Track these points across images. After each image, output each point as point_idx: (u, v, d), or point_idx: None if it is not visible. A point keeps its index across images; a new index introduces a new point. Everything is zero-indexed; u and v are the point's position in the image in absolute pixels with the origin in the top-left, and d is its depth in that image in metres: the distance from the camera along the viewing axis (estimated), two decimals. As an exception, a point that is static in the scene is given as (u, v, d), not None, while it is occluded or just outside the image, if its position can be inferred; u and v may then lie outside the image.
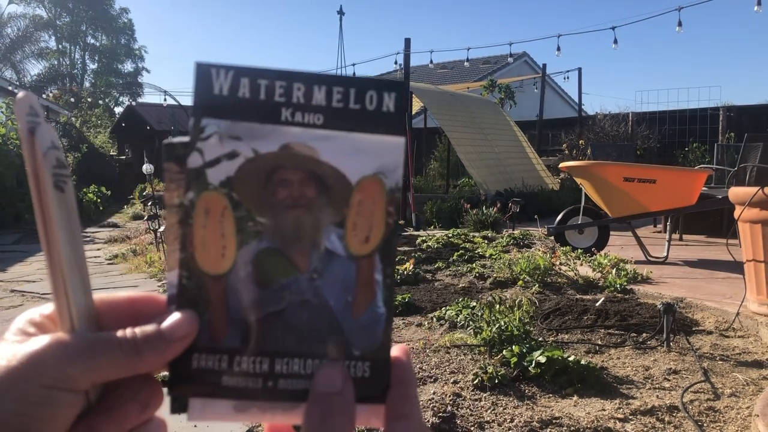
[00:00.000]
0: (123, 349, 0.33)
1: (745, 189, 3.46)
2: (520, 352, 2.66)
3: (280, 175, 0.35)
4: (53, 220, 0.32)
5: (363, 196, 0.35)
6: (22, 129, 0.32)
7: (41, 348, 0.31)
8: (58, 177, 0.32)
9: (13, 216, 9.62)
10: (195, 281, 0.35)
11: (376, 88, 0.36)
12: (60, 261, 0.33)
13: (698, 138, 12.79)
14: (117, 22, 33.77)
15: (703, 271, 4.95)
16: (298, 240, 0.35)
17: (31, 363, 0.31)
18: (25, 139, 0.32)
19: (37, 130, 0.32)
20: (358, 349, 0.35)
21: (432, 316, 3.57)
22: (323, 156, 0.35)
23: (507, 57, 15.94)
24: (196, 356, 0.34)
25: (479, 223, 7.70)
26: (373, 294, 0.36)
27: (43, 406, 0.30)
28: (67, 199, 0.33)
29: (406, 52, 9.77)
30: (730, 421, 2.19)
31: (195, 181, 0.34)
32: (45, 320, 0.35)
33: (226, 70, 0.34)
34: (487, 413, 2.27)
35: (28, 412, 0.30)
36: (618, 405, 2.31)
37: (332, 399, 0.33)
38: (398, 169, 0.36)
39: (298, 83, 0.35)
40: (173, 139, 0.35)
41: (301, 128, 0.35)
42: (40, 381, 0.30)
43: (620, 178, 5.38)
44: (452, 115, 11.17)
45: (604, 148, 10.37)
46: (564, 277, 4.53)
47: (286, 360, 0.35)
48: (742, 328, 3.28)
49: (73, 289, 0.33)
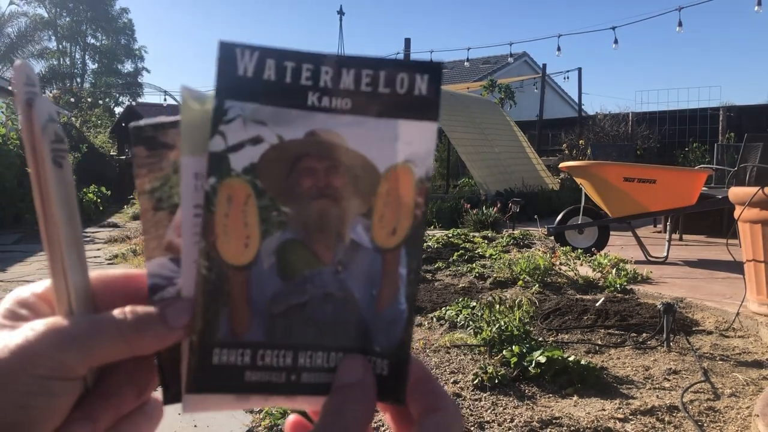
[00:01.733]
0: (122, 332, 0.32)
1: (745, 189, 3.46)
2: (520, 352, 2.66)
3: (306, 163, 0.33)
4: (51, 198, 0.31)
5: (391, 185, 0.34)
6: (20, 100, 0.30)
7: (36, 337, 0.30)
8: (56, 152, 0.31)
9: (13, 216, 9.60)
10: (216, 272, 0.33)
11: (408, 69, 0.34)
12: (59, 240, 0.32)
13: (698, 138, 12.80)
14: (117, 22, 33.76)
15: (703, 271, 4.95)
16: (322, 231, 0.34)
17: (26, 353, 0.30)
18: (23, 111, 0.30)
19: (35, 102, 0.31)
20: (379, 345, 0.34)
21: (432, 316, 3.57)
22: (350, 143, 0.33)
23: (507, 57, 15.96)
24: (218, 351, 0.33)
25: (479, 223, 7.70)
26: (397, 289, 0.34)
27: (40, 396, 0.30)
28: (65, 175, 0.32)
29: (406, 53, 9.78)
30: (730, 421, 2.19)
31: (217, 166, 0.33)
32: (37, 300, 0.34)
33: (251, 50, 0.33)
34: (487, 413, 2.27)
35: (25, 402, 0.29)
36: (618, 405, 2.31)
37: (352, 389, 0.33)
38: (429, 156, 0.34)
39: (326, 66, 0.33)
40: (141, 122, 0.34)
41: (328, 114, 0.33)
42: (36, 371, 0.29)
43: (620, 178, 5.38)
44: (452, 115, 11.16)
45: (604, 148, 10.38)
46: (564, 277, 4.53)
47: (310, 353, 0.34)
48: (742, 328, 3.28)
49: (71, 269, 0.32)
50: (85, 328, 0.31)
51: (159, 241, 0.35)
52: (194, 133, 0.33)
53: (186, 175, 0.34)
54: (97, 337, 0.31)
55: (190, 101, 0.33)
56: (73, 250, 0.32)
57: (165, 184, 0.35)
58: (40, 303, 0.34)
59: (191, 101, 0.33)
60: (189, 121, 0.33)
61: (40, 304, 0.34)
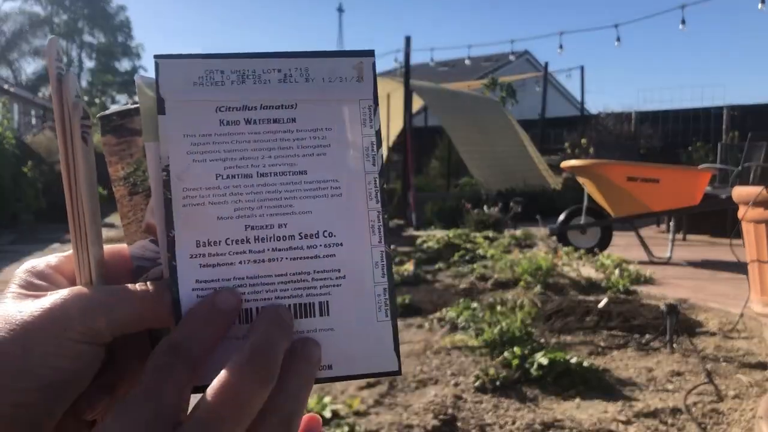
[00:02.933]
0: (145, 301, 0.33)
1: (749, 188, 3.44)
2: (522, 353, 2.64)
3: None
4: (81, 172, 0.33)
5: None
6: (51, 75, 0.32)
7: (65, 303, 0.32)
8: (84, 129, 0.33)
9: (9, 216, 9.56)
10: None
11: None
12: (84, 213, 0.34)
13: (702, 137, 12.75)
14: (114, 20, 33.72)
15: (707, 271, 4.92)
16: None
17: (56, 317, 0.31)
18: (54, 86, 0.33)
19: (65, 78, 0.33)
20: None
21: (433, 317, 3.55)
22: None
23: (509, 55, 15.93)
24: None
25: (480, 223, 7.67)
26: None
27: (69, 359, 0.31)
28: (89, 151, 0.34)
29: (406, 50, 9.73)
30: (733, 423, 2.17)
31: None
32: (53, 272, 0.35)
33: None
34: (489, 416, 2.25)
35: (56, 364, 0.30)
36: (621, 407, 2.29)
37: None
38: None
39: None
40: (108, 111, 0.36)
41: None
42: (67, 335, 0.31)
43: (623, 178, 5.35)
44: (453, 113, 11.14)
45: (606, 147, 10.34)
46: (566, 278, 4.51)
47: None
48: (746, 330, 3.25)
49: (92, 242, 0.34)
50: (110, 296, 0.33)
51: (138, 225, 0.36)
52: (154, 118, 0.34)
53: (152, 159, 0.34)
54: (123, 304, 0.33)
55: (145, 88, 0.35)
56: (93, 223, 0.34)
57: (138, 168, 0.36)
58: (55, 274, 0.35)
59: (146, 88, 0.35)
60: (147, 107, 0.34)
61: (55, 275, 0.35)
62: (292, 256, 0.35)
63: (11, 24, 29.80)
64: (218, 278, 0.34)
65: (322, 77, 0.36)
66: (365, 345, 0.35)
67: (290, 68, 0.35)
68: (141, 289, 0.34)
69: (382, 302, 0.36)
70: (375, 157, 0.36)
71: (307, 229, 0.35)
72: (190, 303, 0.34)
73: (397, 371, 0.36)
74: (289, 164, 0.35)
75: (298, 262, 0.35)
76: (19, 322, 0.31)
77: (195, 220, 0.34)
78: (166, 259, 0.34)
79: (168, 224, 0.34)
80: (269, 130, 0.35)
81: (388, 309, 0.36)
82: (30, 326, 0.30)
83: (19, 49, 30.01)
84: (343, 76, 0.36)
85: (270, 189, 0.35)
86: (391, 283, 0.36)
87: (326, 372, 0.35)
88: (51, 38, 0.33)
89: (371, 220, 0.36)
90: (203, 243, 0.34)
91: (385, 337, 0.36)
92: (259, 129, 0.35)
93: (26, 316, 0.31)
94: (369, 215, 0.36)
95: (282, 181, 0.35)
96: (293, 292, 0.35)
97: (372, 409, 2.27)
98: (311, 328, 0.35)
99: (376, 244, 0.36)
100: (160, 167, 0.34)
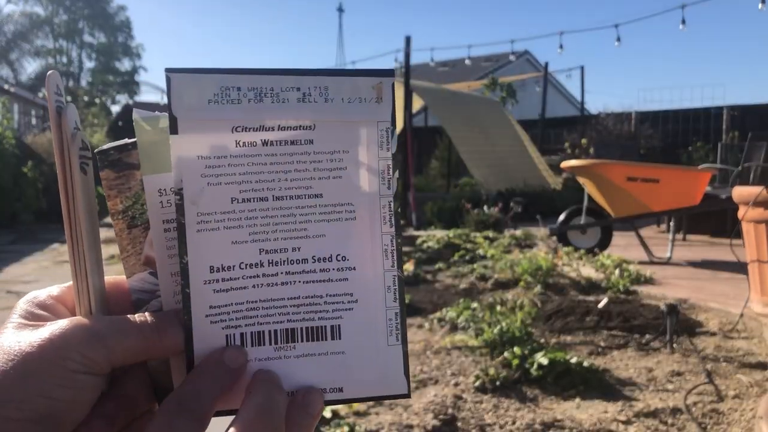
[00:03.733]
0: (144, 332, 0.33)
1: (749, 188, 3.44)
2: (522, 353, 2.64)
3: None
4: (79, 203, 0.33)
5: None
6: (51, 108, 0.33)
7: (64, 333, 0.32)
8: (83, 159, 0.33)
9: (9, 216, 9.55)
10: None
11: None
12: (82, 243, 0.34)
13: (702, 137, 12.74)
14: (114, 20, 33.67)
15: (707, 271, 4.92)
16: None
17: (56, 348, 0.31)
18: (53, 119, 0.33)
19: (64, 110, 0.33)
20: None
21: (433, 317, 3.55)
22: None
23: (509, 55, 15.93)
24: None
25: (480, 223, 7.67)
26: None
27: (68, 389, 0.31)
28: (89, 181, 0.34)
29: (406, 50, 9.72)
30: (733, 423, 2.17)
31: None
32: (54, 302, 0.35)
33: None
34: (489, 415, 2.25)
35: (54, 395, 0.30)
36: (621, 407, 2.29)
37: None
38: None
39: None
40: (105, 146, 0.36)
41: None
42: (65, 364, 0.31)
43: (623, 178, 5.34)
44: (453, 113, 11.13)
45: (607, 147, 10.34)
46: (566, 278, 4.50)
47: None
48: (746, 330, 3.25)
49: (91, 272, 0.34)
50: (109, 327, 0.33)
51: (137, 258, 0.36)
52: (151, 152, 0.35)
53: (150, 192, 0.35)
54: (121, 336, 0.33)
55: (142, 123, 0.35)
56: (93, 253, 0.34)
57: (136, 202, 0.36)
58: (56, 305, 0.35)
59: (143, 123, 0.35)
60: (144, 142, 0.35)
61: (57, 305, 0.35)
62: (305, 280, 0.35)
63: (12, 24, 29.79)
64: (231, 302, 0.34)
65: (342, 97, 0.35)
66: (375, 368, 0.36)
67: (309, 87, 0.34)
68: (141, 321, 0.34)
69: (393, 326, 0.36)
70: (390, 180, 0.36)
71: (320, 252, 0.35)
72: (203, 330, 0.34)
73: (407, 394, 0.36)
74: (305, 187, 0.35)
75: (311, 285, 0.35)
76: (18, 352, 0.31)
77: (209, 246, 0.33)
78: (168, 287, 0.34)
79: (181, 250, 0.33)
80: (287, 152, 0.34)
81: (399, 333, 0.36)
82: (29, 357, 0.30)
83: (20, 49, 29.99)
84: (362, 97, 0.35)
85: (285, 213, 0.34)
86: (403, 308, 0.36)
87: (336, 394, 0.35)
88: (50, 73, 0.33)
89: (385, 244, 0.36)
90: (217, 268, 0.34)
91: (395, 361, 0.36)
92: (276, 151, 0.34)
93: (25, 346, 0.31)
94: (383, 239, 0.36)
95: (298, 204, 0.35)
96: (305, 315, 0.35)
97: (372, 409, 2.27)
98: (323, 351, 0.35)
99: (389, 268, 0.36)
100: (158, 200, 0.34)
